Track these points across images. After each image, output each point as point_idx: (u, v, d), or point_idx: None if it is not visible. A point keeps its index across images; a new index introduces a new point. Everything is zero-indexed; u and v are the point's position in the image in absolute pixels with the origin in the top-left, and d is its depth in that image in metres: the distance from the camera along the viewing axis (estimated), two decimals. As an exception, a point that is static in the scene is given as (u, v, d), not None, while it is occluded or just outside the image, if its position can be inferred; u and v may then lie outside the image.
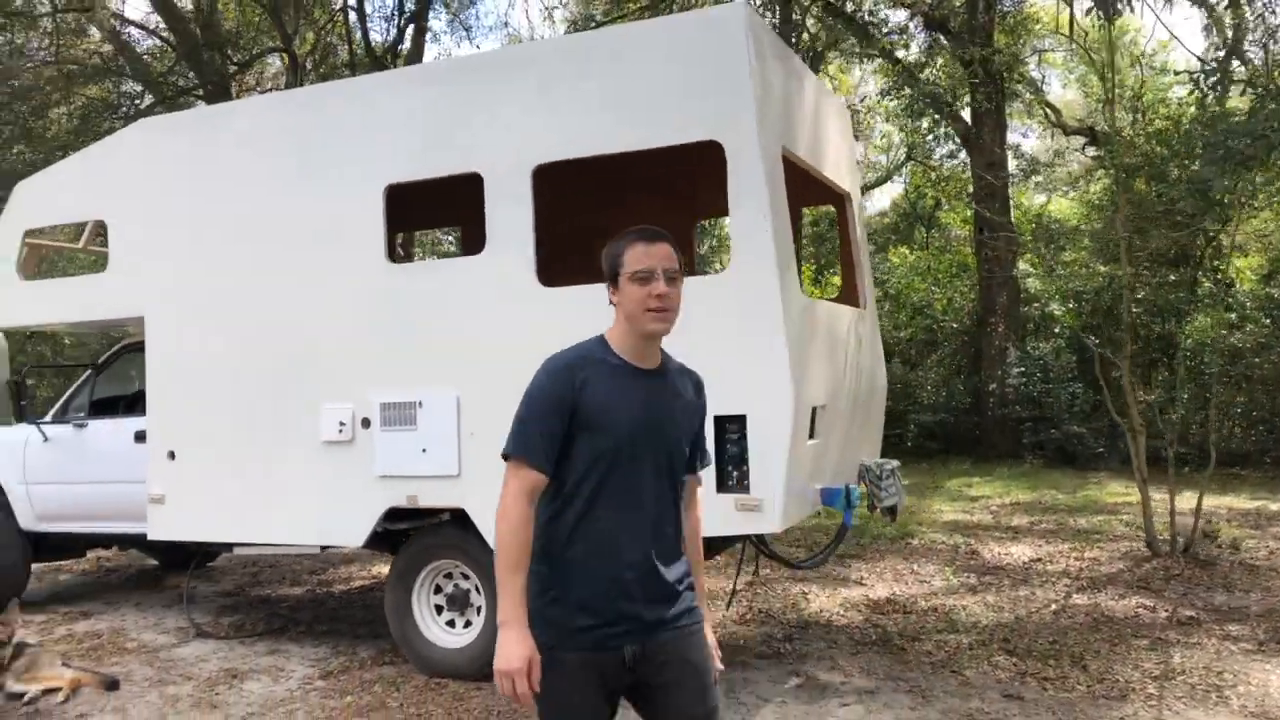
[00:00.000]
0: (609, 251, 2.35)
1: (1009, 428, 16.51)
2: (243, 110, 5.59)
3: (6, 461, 6.61)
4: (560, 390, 2.26)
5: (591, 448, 2.26)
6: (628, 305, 2.29)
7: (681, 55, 4.42)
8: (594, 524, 2.26)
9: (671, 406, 2.39)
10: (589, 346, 2.36)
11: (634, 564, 2.28)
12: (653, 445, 2.32)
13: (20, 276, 6.22)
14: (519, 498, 2.22)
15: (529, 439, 2.24)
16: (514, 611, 2.16)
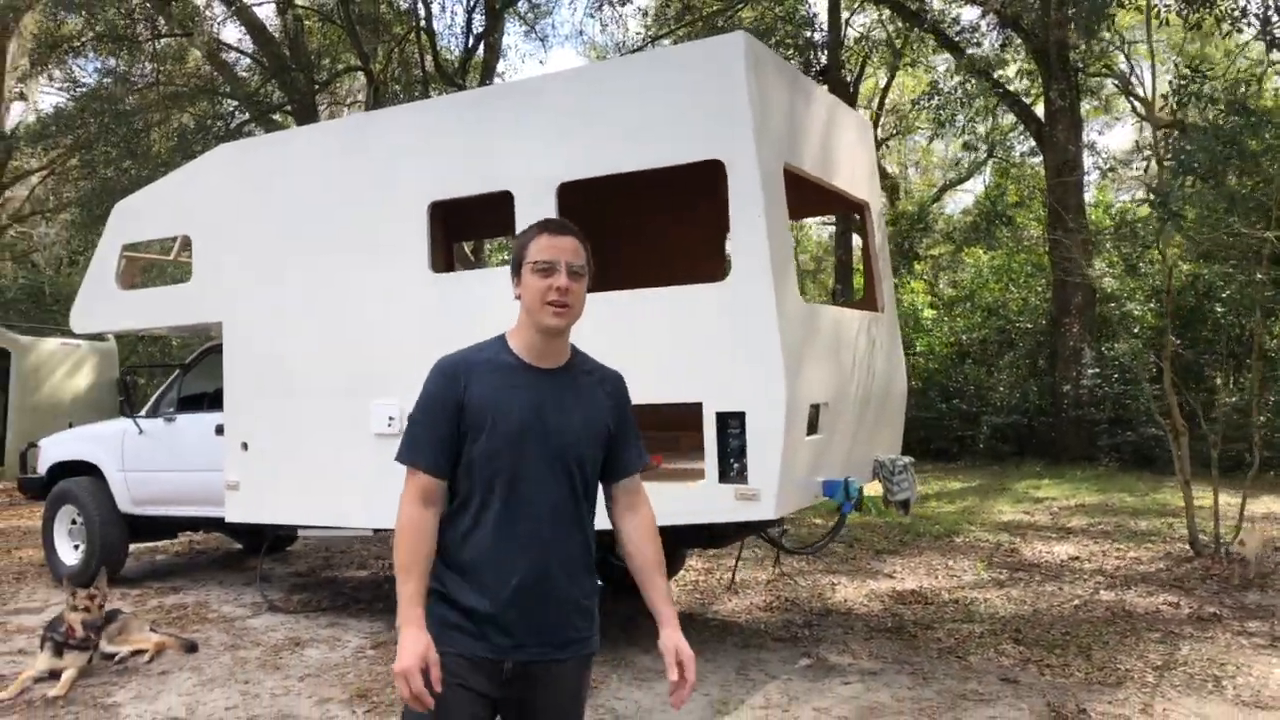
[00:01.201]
0: (516, 242, 2.27)
1: (1084, 430, 16.29)
2: (305, 136, 6.20)
3: (107, 451, 7.39)
4: (446, 391, 2.18)
5: (479, 452, 2.16)
6: (527, 297, 2.19)
7: (687, 81, 4.82)
8: (483, 531, 2.17)
9: (570, 408, 2.24)
10: (484, 345, 2.29)
11: (522, 578, 2.16)
12: (547, 449, 2.19)
13: (119, 286, 6.97)
14: (411, 502, 2.18)
15: (417, 443, 2.19)
16: (407, 613, 2.11)
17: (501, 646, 2.16)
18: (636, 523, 2.36)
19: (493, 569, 2.17)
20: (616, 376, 2.41)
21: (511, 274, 2.26)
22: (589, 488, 2.28)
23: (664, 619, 2.28)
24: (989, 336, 18.94)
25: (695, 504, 4.83)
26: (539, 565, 2.18)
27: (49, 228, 24.05)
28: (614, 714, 4.65)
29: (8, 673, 5.36)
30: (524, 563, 2.17)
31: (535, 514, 2.18)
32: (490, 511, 2.18)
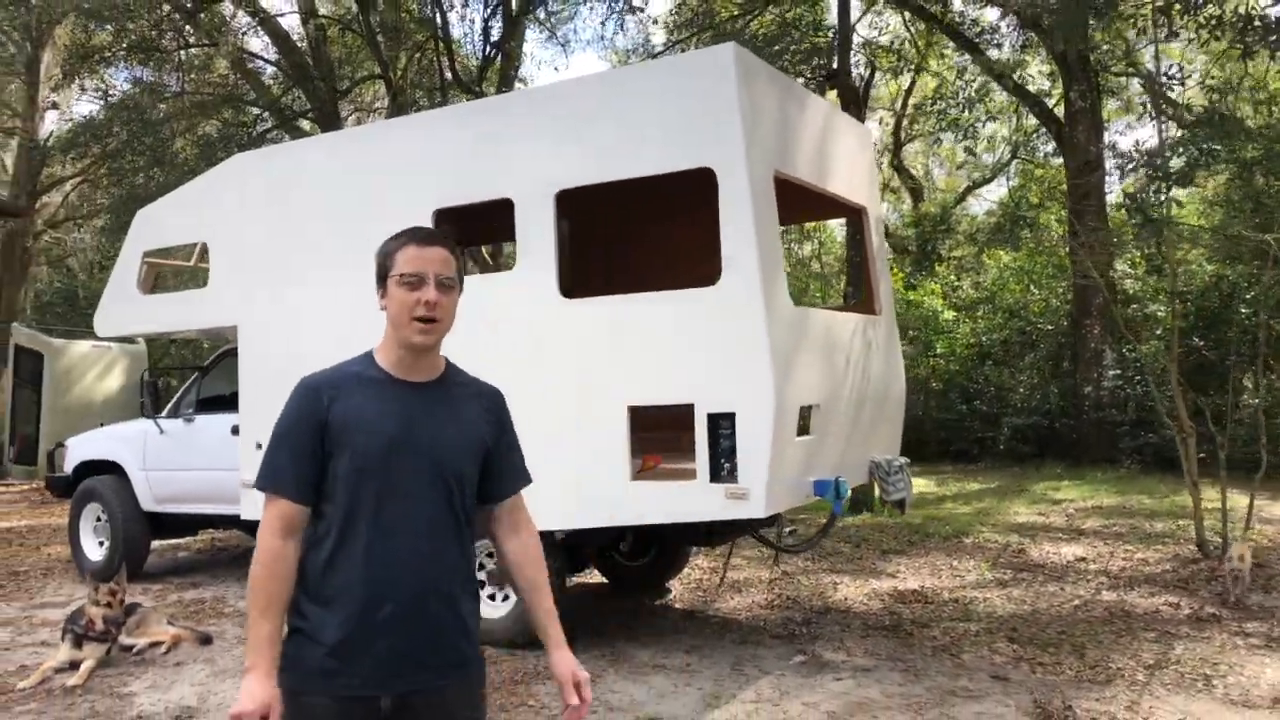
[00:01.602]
0: (380, 250, 2.13)
1: (1105, 431, 16.21)
2: (315, 146, 6.39)
3: (130, 451, 7.64)
4: (308, 409, 2.05)
5: (345, 470, 2.04)
6: (393, 310, 2.08)
7: (679, 91, 4.95)
8: (350, 556, 2.03)
9: (444, 422, 2.12)
10: (349, 361, 2.17)
11: (397, 601, 2.02)
12: (416, 466, 2.07)
13: (140, 291, 7.20)
14: (271, 534, 2.03)
15: (277, 468, 2.05)
16: (256, 657, 1.97)
17: (375, 680, 2.01)
18: (520, 544, 2.28)
19: (363, 596, 2.01)
20: (495, 392, 2.28)
21: (376, 285, 2.12)
22: (466, 504, 2.15)
23: (552, 641, 2.23)
24: (1010, 338, 18.88)
25: (687, 503, 4.96)
26: (415, 587, 2.04)
27: (82, 233, 24.60)
28: (607, 706, 4.78)
29: (30, 663, 5.59)
30: (398, 586, 2.03)
31: (411, 532, 2.05)
32: (358, 534, 2.03)
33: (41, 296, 23.39)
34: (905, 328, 18.79)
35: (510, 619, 5.66)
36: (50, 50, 18.48)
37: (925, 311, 19.02)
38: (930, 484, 14.21)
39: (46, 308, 22.85)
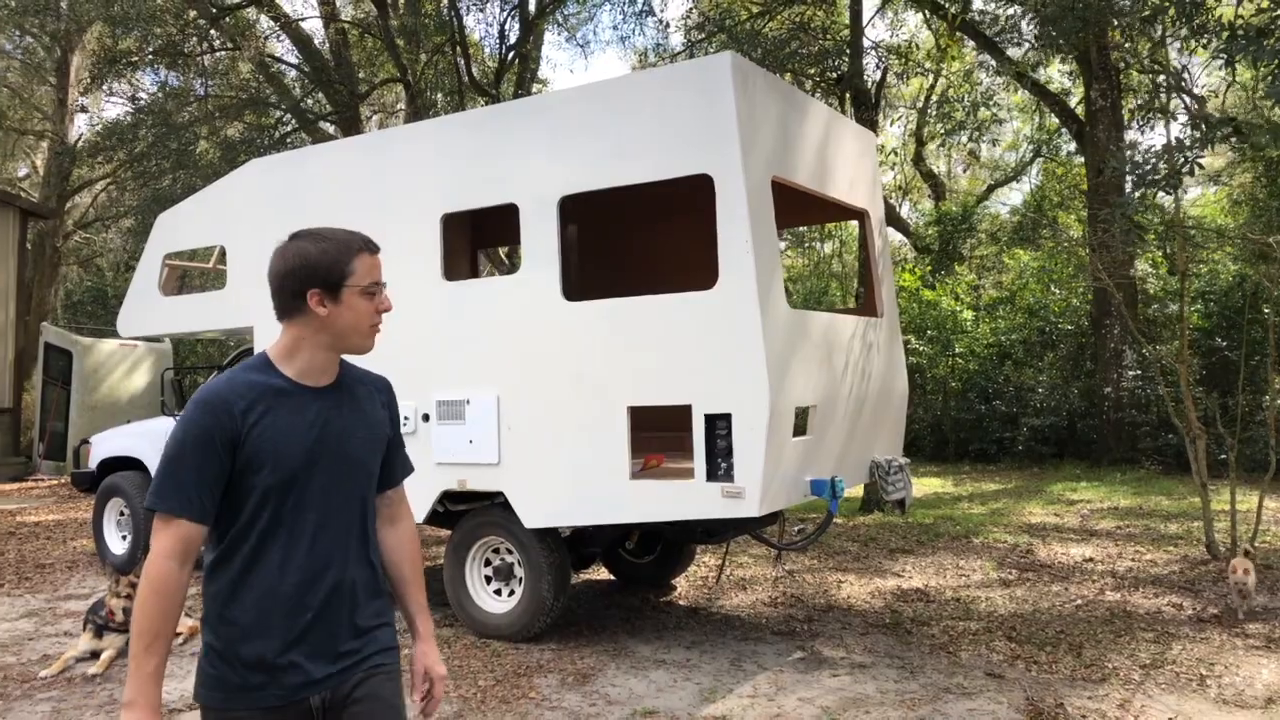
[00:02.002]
0: (321, 256, 2.03)
1: (1125, 432, 16.15)
2: (327, 151, 6.55)
3: (151, 446, 7.84)
4: (215, 426, 1.94)
5: (260, 485, 1.98)
6: (349, 319, 2.04)
7: (678, 99, 5.05)
8: (266, 569, 1.99)
9: (352, 423, 2.12)
10: (244, 370, 2.06)
11: (316, 605, 2.02)
12: (333, 470, 2.06)
13: (161, 293, 7.40)
14: (166, 557, 1.91)
15: (182, 488, 1.92)
16: (139, 692, 1.87)
17: (302, 684, 2.01)
18: (398, 535, 2.29)
19: (281, 609, 1.99)
20: (387, 384, 2.28)
21: (313, 288, 2.02)
22: (373, 500, 2.18)
23: (419, 633, 2.27)
24: (1030, 338, 18.83)
25: (685, 501, 5.07)
26: (333, 587, 2.05)
27: (110, 234, 25.04)
28: (606, 699, 4.90)
29: (53, 652, 5.79)
30: (317, 591, 2.03)
31: (327, 537, 2.05)
32: (274, 547, 2.00)
33: (72, 296, 23.84)
34: (924, 327, 18.78)
35: (517, 613, 5.79)
36: (79, 54, 18.87)
37: (944, 311, 18.99)
38: (947, 484, 14.21)
39: (77, 307, 23.29)
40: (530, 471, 5.54)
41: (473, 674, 5.29)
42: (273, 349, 2.08)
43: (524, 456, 5.56)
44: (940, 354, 18.76)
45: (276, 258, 2.06)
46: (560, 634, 6.04)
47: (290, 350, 2.07)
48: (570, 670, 5.36)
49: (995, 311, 20.13)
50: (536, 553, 5.68)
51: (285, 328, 2.07)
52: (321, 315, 2.03)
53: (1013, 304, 19.84)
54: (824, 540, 9.14)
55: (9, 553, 9.05)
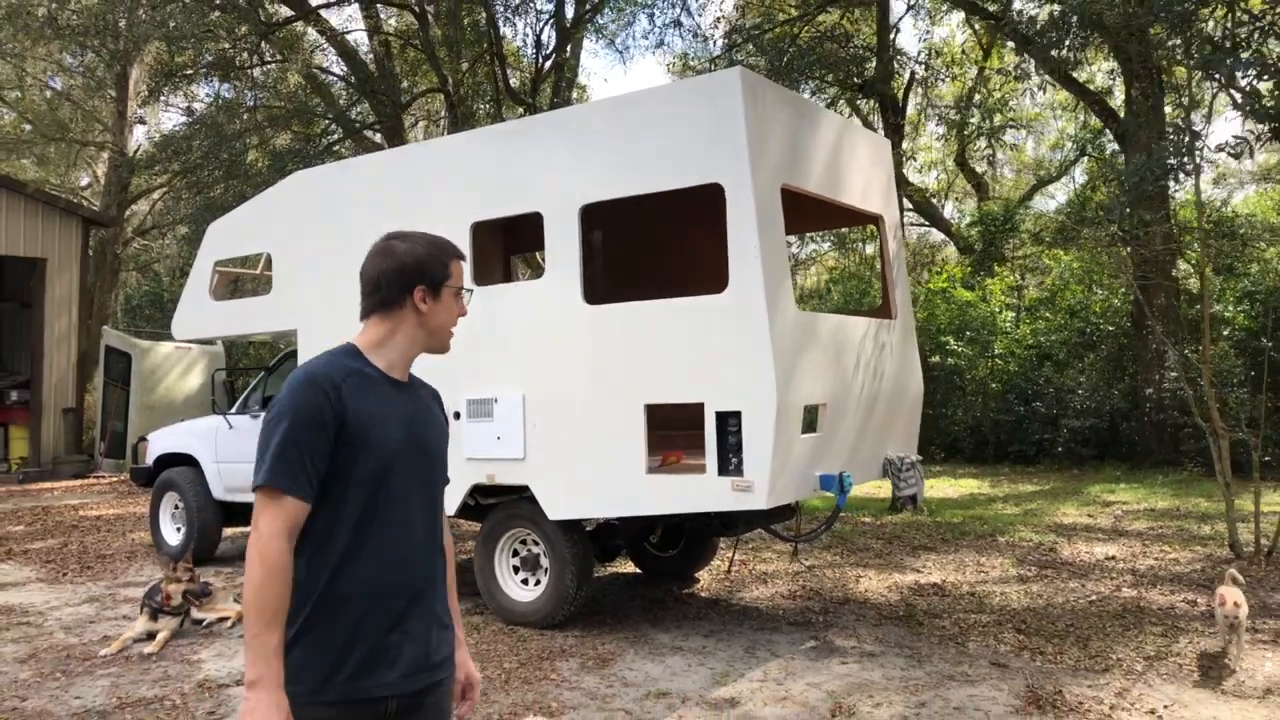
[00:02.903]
0: (428, 255, 2.14)
1: (1167, 434, 16.02)
2: (364, 164, 6.92)
3: (203, 444, 8.30)
4: (323, 405, 1.96)
5: (358, 469, 2.00)
6: (442, 318, 2.15)
7: (691, 113, 5.32)
8: (363, 557, 2.01)
9: (429, 423, 2.18)
10: (337, 355, 2.10)
11: (407, 602, 2.06)
12: (417, 465, 2.11)
13: (212, 298, 7.84)
14: (277, 537, 1.91)
15: (290, 464, 1.93)
16: (266, 669, 1.87)
17: (387, 683, 2.02)
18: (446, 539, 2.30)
19: (375, 599, 2.01)
20: (438, 393, 2.34)
21: (423, 289, 2.12)
22: (442, 502, 2.24)
23: (457, 639, 2.28)
24: (1070, 338, 18.73)
25: (698, 494, 5.33)
26: (419, 586, 2.09)
27: (167, 240, 25.93)
28: (623, 681, 5.17)
29: (112, 633, 6.22)
30: (408, 587, 2.06)
31: (412, 532, 2.09)
32: (370, 537, 2.02)
33: (130, 300, 24.72)
34: (962, 329, 18.78)
35: (542, 602, 6.09)
36: (138, 68, 19.64)
37: (983, 312, 18.97)
38: (985, 485, 14.25)
39: (136, 311, 24.14)
40: (554, 466, 5.84)
41: (498, 657, 5.60)
42: (362, 340, 2.12)
43: (548, 452, 5.86)
44: (980, 355, 18.74)
45: (382, 256, 2.13)
46: (584, 622, 6.33)
47: (381, 342, 2.13)
48: (591, 655, 5.64)
49: (1036, 312, 20.05)
50: (561, 544, 5.97)
51: (377, 321, 2.12)
52: (422, 311, 2.12)
53: (1054, 304, 19.75)
54: (848, 537, 9.32)
55: (72, 544, 9.58)
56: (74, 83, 23.23)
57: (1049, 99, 20.59)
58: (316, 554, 1.99)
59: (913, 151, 25.75)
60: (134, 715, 4.76)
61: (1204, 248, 8.76)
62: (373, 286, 2.13)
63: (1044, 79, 14.08)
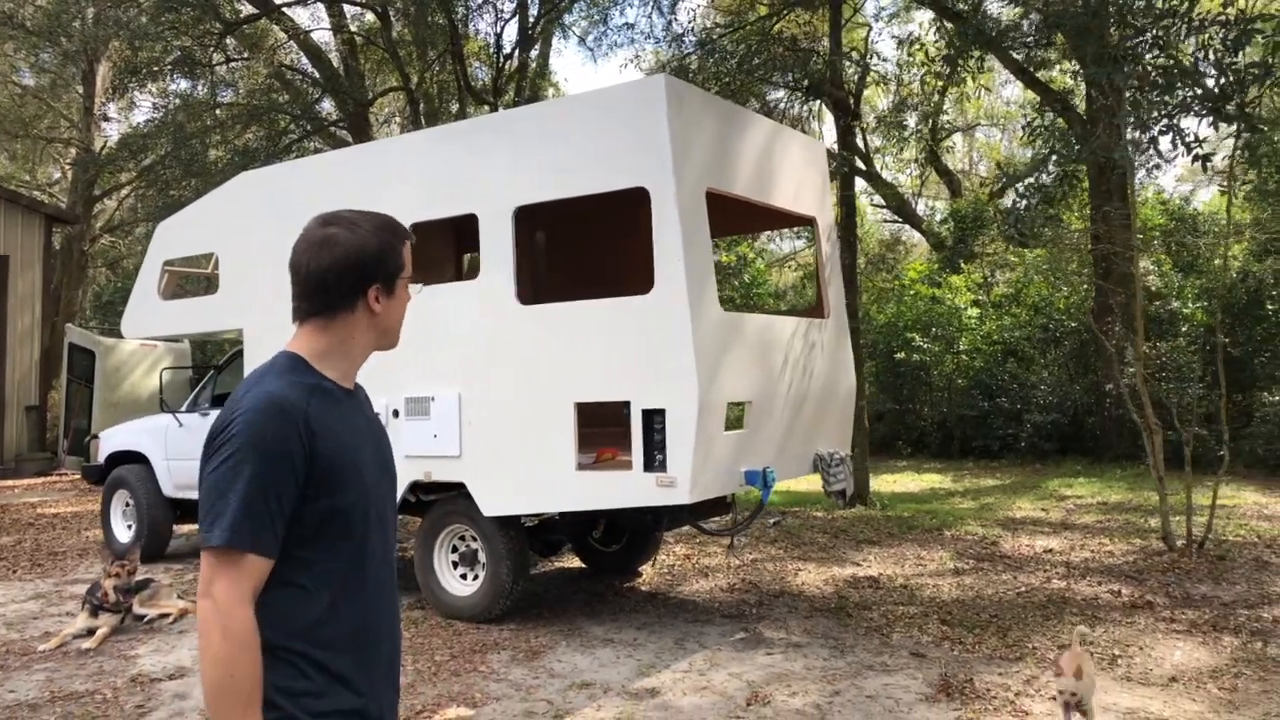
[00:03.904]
0: (379, 248, 1.76)
1: (1126, 429, 16.29)
2: (310, 164, 7.01)
3: (154, 442, 8.36)
4: (290, 436, 1.62)
5: (340, 508, 1.69)
6: (397, 314, 1.81)
7: (618, 118, 5.45)
8: (346, 606, 1.71)
9: (384, 438, 1.90)
10: (293, 372, 1.73)
11: (389, 644, 1.81)
12: (388, 490, 1.85)
13: (161, 297, 7.91)
14: (241, 604, 1.57)
15: (257, 516, 1.58)
16: None
17: None
18: None
19: (359, 649, 1.73)
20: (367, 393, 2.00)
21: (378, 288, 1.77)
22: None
23: None
24: (1033, 334, 18.99)
25: (625, 490, 5.46)
26: (392, 623, 1.83)
27: (137, 236, 25.84)
28: (550, 673, 5.30)
29: (53, 629, 6.29)
30: (386, 629, 1.80)
31: (387, 570, 1.82)
32: (352, 579, 1.72)
33: (101, 297, 24.63)
34: (928, 325, 19.00)
35: (479, 596, 6.21)
36: (105, 64, 19.57)
37: (948, 308, 19.20)
38: (947, 480, 14.45)
39: (106, 307, 24.05)
40: (488, 464, 5.96)
41: (431, 650, 5.72)
42: (306, 349, 1.76)
43: (482, 450, 5.98)
44: (945, 351, 18.97)
45: (321, 248, 1.75)
46: (521, 615, 6.45)
47: (329, 350, 1.77)
48: (523, 648, 5.77)
49: (1002, 308, 20.29)
50: (497, 540, 6.09)
51: (321, 326, 1.76)
52: (377, 312, 1.77)
53: (1019, 301, 20.01)
54: (795, 531, 9.49)
55: (26, 541, 9.63)
56: (43, 79, 23.12)
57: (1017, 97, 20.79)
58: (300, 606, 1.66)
59: (884, 150, 25.97)
60: (64, 709, 4.85)
61: (1144, 244, 8.90)
62: (314, 287, 1.75)
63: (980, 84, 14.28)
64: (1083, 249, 21.01)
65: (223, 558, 1.58)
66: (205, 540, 1.60)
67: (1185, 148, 6.57)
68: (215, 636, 1.56)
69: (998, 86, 30.45)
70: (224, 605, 1.57)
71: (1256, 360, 16.40)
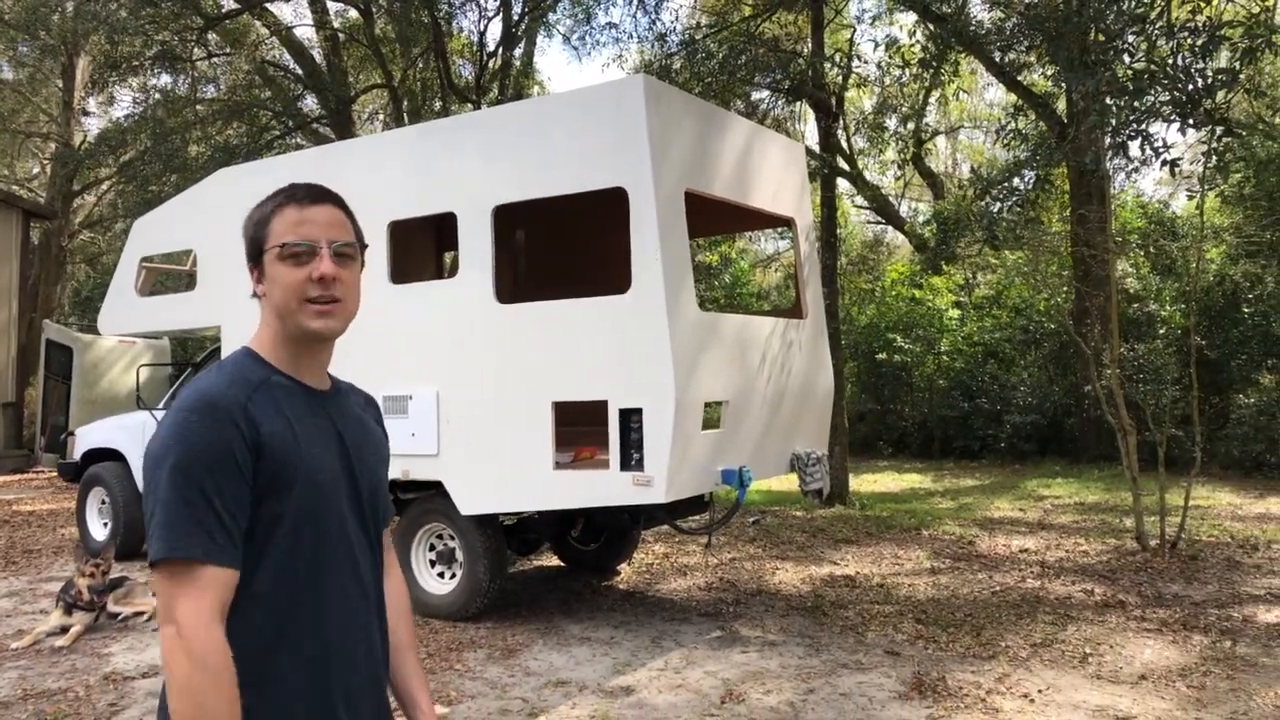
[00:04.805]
0: (251, 219, 1.64)
1: (1104, 430, 16.44)
2: (288, 162, 6.99)
3: (130, 439, 8.31)
4: (236, 436, 1.48)
5: (288, 511, 1.53)
6: (277, 295, 1.59)
7: (597, 117, 5.46)
8: (300, 627, 1.54)
9: (362, 439, 1.71)
10: (239, 365, 1.61)
11: (359, 668, 1.62)
12: (357, 498, 1.66)
13: (138, 294, 7.86)
14: (208, 624, 1.40)
15: (201, 525, 1.42)
16: None
17: None
18: (393, 587, 1.83)
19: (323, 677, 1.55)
20: (375, 400, 1.89)
21: (249, 264, 1.64)
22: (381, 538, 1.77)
23: (421, 710, 1.79)
24: (1014, 336, 19.13)
25: (602, 489, 5.48)
26: (371, 646, 1.66)
27: (117, 232, 25.67)
28: (526, 671, 5.32)
29: (26, 627, 6.26)
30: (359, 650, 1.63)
31: (358, 589, 1.63)
32: (308, 598, 1.55)
33: (79, 293, 24.45)
34: (910, 326, 19.11)
35: (456, 594, 6.21)
36: (84, 58, 19.43)
37: (929, 310, 19.32)
38: (927, 480, 14.54)
39: (84, 304, 23.86)
40: (465, 462, 5.96)
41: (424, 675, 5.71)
42: (256, 341, 1.66)
43: (460, 448, 5.98)
44: (926, 352, 19.08)
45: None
46: (498, 614, 6.46)
47: (268, 341, 1.65)
48: (499, 646, 5.77)
49: (983, 310, 20.43)
50: (474, 538, 6.10)
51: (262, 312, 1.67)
52: (260, 293, 1.64)
53: (999, 303, 20.15)
54: (775, 530, 9.53)
55: (0, 539, 9.55)
56: (21, 73, 22.91)
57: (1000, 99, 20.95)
58: (248, 627, 1.49)
59: (866, 152, 26.09)
60: (36, 706, 4.82)
61: (1120, 246, 8.99)
62: None
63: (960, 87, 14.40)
64: (1062, 251, 21.20)
65: (175, 574, 1.41)
66: (151, 558, 1.43)
67: (1154, 153, 6.65)
68: (181, 665, 1.38)
69: (980, 89, 30.74)
70: (188, 628, 1.39)
71: (1233, 363, 16.58)
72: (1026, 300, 19.43)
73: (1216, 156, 7.31)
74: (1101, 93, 6.71)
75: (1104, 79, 6.59)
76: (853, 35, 20.57)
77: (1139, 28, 6.73)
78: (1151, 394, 16.06)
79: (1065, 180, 19.14)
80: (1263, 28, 6.40)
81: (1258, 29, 6.45)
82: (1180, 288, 18.09)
